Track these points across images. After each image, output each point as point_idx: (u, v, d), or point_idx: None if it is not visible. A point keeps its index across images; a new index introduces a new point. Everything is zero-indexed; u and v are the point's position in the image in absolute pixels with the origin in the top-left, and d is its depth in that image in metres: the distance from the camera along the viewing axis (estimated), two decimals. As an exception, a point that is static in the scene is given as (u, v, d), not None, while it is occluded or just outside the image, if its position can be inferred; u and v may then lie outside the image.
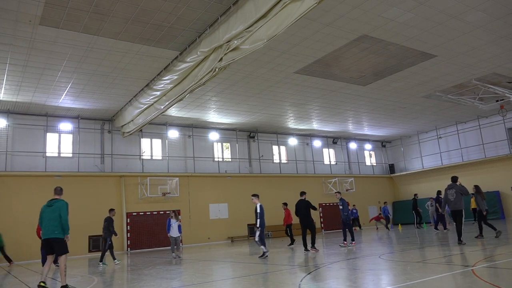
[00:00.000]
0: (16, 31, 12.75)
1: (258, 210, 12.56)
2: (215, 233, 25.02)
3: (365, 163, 35.32)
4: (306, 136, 31.36)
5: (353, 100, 22.96)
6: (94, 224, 21.41)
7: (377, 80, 19.76)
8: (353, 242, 14.69)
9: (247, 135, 28.62)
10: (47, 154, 21.44)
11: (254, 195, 13.08)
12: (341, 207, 14.95)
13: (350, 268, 8.95)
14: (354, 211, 26.81)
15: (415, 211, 24.14)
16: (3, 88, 17.37)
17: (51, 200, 8.45)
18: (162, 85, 16.21)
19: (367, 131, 31.80)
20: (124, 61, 15.60)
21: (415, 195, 24.89)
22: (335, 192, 15.03)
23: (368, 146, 35.18)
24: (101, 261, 14.33)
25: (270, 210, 25.66)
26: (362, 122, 28.90)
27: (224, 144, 27.93)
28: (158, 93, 16.85)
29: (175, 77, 15.18)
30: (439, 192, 20.66)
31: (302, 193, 14.44)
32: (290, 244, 16.94)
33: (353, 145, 34.12)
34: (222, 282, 8.50)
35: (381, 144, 36.50)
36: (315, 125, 28.75)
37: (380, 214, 28.11)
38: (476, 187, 15.29)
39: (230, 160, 27.79)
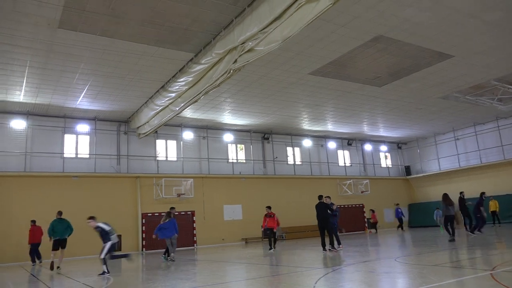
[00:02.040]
0: (35, 34, 13.01)
1: None
2: (229, 234, 25.08)
3: (381, 164, 34.96)
4: (320, 137, 31.21)
5: (368, 101, 22.75)
6: (111, 224, 21.70)
7: (393, 81, 19.54)
8: (341, 246, 14.40)
9: (261, 136, 28.63)
10: (65, 155, 21.82)
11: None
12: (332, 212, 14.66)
13: (366, 270, 8.87)
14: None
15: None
16: (23, 90, 17.74)
17: (60, 218, 14.08)
18: (177, 87, 16.33)
19: (382, 132, 31.48)
20: (140, 63, 15.77)
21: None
22: (325, 197, 14.73)
23: (383, 147, 34.79)
24: (167, 255, 14.75)
25: (284, 212, 25.69)
26: (378, 124, 28.61)
27: (238, 145, 27.99)
28: (173, 94, 16.99)
29: (190, 79, 15.28)
30: (462, 194, 18.94)
31: (320, 197, 14.55)
32: (270, 249, 16.44)
33: (368, 147, 33.80)
34: (236, 283, 8.51)
35: (397, 145, 36.07)
36: (330, 127, 28.59)
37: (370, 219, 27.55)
38: (444, 196, 16.19)
39: (244, 161, 27.84)
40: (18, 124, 20.60)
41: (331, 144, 31.77)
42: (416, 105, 23.94)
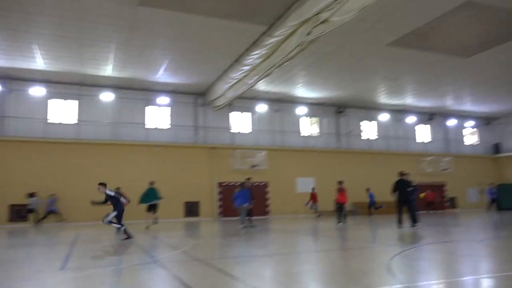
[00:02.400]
0: (119, 12, 13.83)
1: None
2: (301, 207, 25.29)
3: (465, 141, 32.56)
4: (398, 111, 29.73)
5: (453, 74, 21.09)
6: (189, 191, 23.07)
7: (482, 51, 17.82)
8: (418, 224, 13.50)
9: (335, 109, 28.02)
10: (147, 126, 23.31)
11: None
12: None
13: (446, 251, 8.48)
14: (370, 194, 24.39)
15: None
16: (111, 64, 19.12)
17: (151, 188, 15.92)
18: (251, 60, 16.45)
19: (468, 106, 29.13)
20: (215, 38, 16.09)
21: None
22: (404, 174, 13.90)
23: (469, 123, 32.24)
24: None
25: (357, 187, 25.20)
26: (463, 97, 26.51)
27: (311, 118, 27.72)
28: (247, 68, 17.16)
29: (264, 52, 15.29)
30: None
31: (402, 173, 13.97)
32: (339, 223, 16.27)
33: (451, 122, 31.54)
34: (308, 254, 8.63)
35: (485, 121, 33.20)
36: (409, 100, 27.08)
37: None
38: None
39: (317, 135, 27.58)
40: (107, 96, 22.30)
41: (410, 119, 30.15)
42: (509, 77, 21.70)
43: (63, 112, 21.84)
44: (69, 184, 20.75)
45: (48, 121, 21.39)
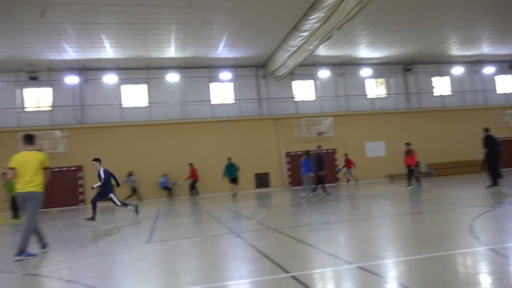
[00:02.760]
0: (177, -8, 14.10)
1: None
2: (372, 171, 24.73)
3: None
4: (474, 62, 27.40)
5: (538, 13, 18.87)
6: (258, 163, 23.54)
7: None
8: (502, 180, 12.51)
9: (402, 68, 26.54)
10: (212, 102, 23.91)
11: None
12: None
13: (533, 209, 7.87)
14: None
15: None
16: (174, 45, 19.72)
17: (230, 163, 18.09)
18: (309, 25, 16.02)
19: (558, 49, 26.04)
20: (271, 6, 15.83)
21: None
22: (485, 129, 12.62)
23: (559, 67, 28.87)
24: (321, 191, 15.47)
25: (431, 147, 23.98)
26: (552, 39, 23.72)
27: (377, 79, 26.57)
28: (305, 34, 16.76)
29: (322, 14, 14.79)
30: None
31: (487, 129, 12.83)
32: (409, 186, 15.55)
33: (538, 68, 28.47)
34: (383, 219, 8.48)
35: None
36: (486, 49, 24.81)
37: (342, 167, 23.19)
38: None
39: (384, 96, 26.46)
40: (173, 77, 23.14)
41: (488, 69, 27.70)
42: None
43: (134, 96, 23.12)
44: (144, 163, 22.12)
45: (123, 106, 22.79)
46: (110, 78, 22.39)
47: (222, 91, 24.29)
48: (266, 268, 4.45)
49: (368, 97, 26.11)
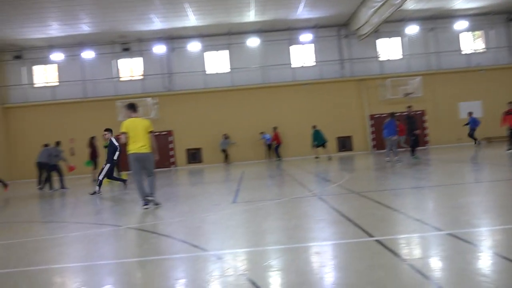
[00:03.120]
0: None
1: None
2: (466, 134, 22.91)
3: None
4: None
5: None
6: (340, 126, 23.08)
7: None
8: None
9: (505, 18, 23.62)
10: (293, 65, 23.65)
11: None
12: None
13: None
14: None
15: None
16: (253, 9, 19.68)
17: (316, 130, 18.91)
18: (397, -24, 14.82)
19: None
20: (355, -41, 14.89)
21: None
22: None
23: None
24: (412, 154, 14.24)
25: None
26: None
27: (474, 33, 24.02)
28: (393, -14, 15.56)
29: (412, -37, 13.55)
30: None
31: None
32: (509, 150, 13.73)
33: None
34: (476, 185, 7.92)
35: None
36: None
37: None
38: None
39: (483, 50, 23.92)
40: (253, 42, 23.20)
41: None
42: None
43: (217, 62, 23.72)
44: (227, 128, 22.86)
45: (206, 72, 23.56)
46: (194, 46, 23.14)
47: (303, 54, 23.84)
48: (349, 231, 4.44)
49: (462, 52, 23.82)
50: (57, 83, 23.54)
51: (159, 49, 23.00)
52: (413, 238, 4.02)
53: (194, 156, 23.19)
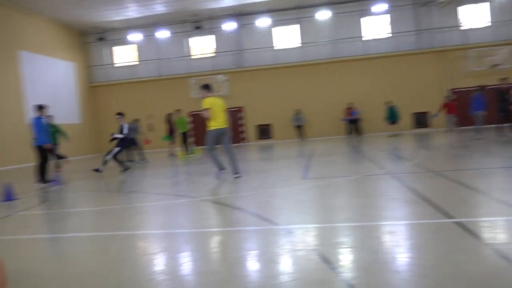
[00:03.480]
0: None
1: None
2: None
3: None
4: None
5: None
6: (416, 101, 21.87)
7: None
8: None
9: None
10: (364, 38, 22.63)
11: None
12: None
13: None
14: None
15: None
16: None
17: (390, 106, 19.01)
18: None
19: None
20: None
21: None
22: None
23: None
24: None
25: None
26: None
27: None
28: None
29: None
30: None
31: None
32: None
33: None
34: None
35: None
36: None
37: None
38: None
39: None
40: (324, 15, 22.52)
41: None
42: None
43: (286, 37, 23.43)
44: (297, 103, 22.66)
45: (275, 48, 23.41)
46: (263, 22, 23.04)
47: (375, 25, 22.68)
48: (426, 211, 4.25)
49: None
50: (136, 63, 24.89)
51: (229, 26, 23.22)
52: (498, 221, 3.74)
53: (264, 132, 23.46)
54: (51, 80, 21.36)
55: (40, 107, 9.64)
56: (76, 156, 22.60)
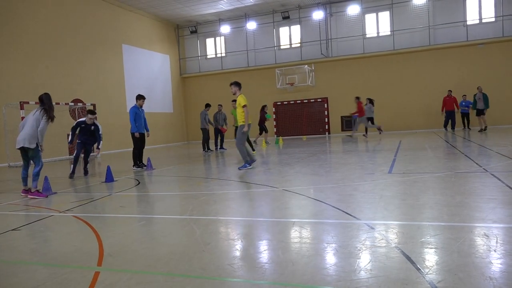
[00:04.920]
0: None
1: None
2: None
3: None
4: None
5: None
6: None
7: None
8: None
9: None
10: (468, 23, 20.71)
11: None
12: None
13: None
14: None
15: None
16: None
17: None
18: None
19: None
20: None
21: None
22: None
23: None
24: None
25: None
26: None
27: None
28: None
29: None
30: None
31: None
32: None
33: None
34: None
35: None
36: None
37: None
38: None
39: None
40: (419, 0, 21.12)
41: None
42: None
43: (377, 25, 22.40)
44: (386, 95, 21.62)
45: (366, 36, 22.51)
46: (353, 9, 22.27)
47: (481, 9, 20.59)
48: (529, 215, 3.81)
49: None
50: (224, 54, 25.72)
51: (318, 15, 22.85)
52: None
53: (348, 123, 22.79)
54: (148, 72, 23.06)
55: (139, 97, 10.52)
56: (167, 143, 24.21)
